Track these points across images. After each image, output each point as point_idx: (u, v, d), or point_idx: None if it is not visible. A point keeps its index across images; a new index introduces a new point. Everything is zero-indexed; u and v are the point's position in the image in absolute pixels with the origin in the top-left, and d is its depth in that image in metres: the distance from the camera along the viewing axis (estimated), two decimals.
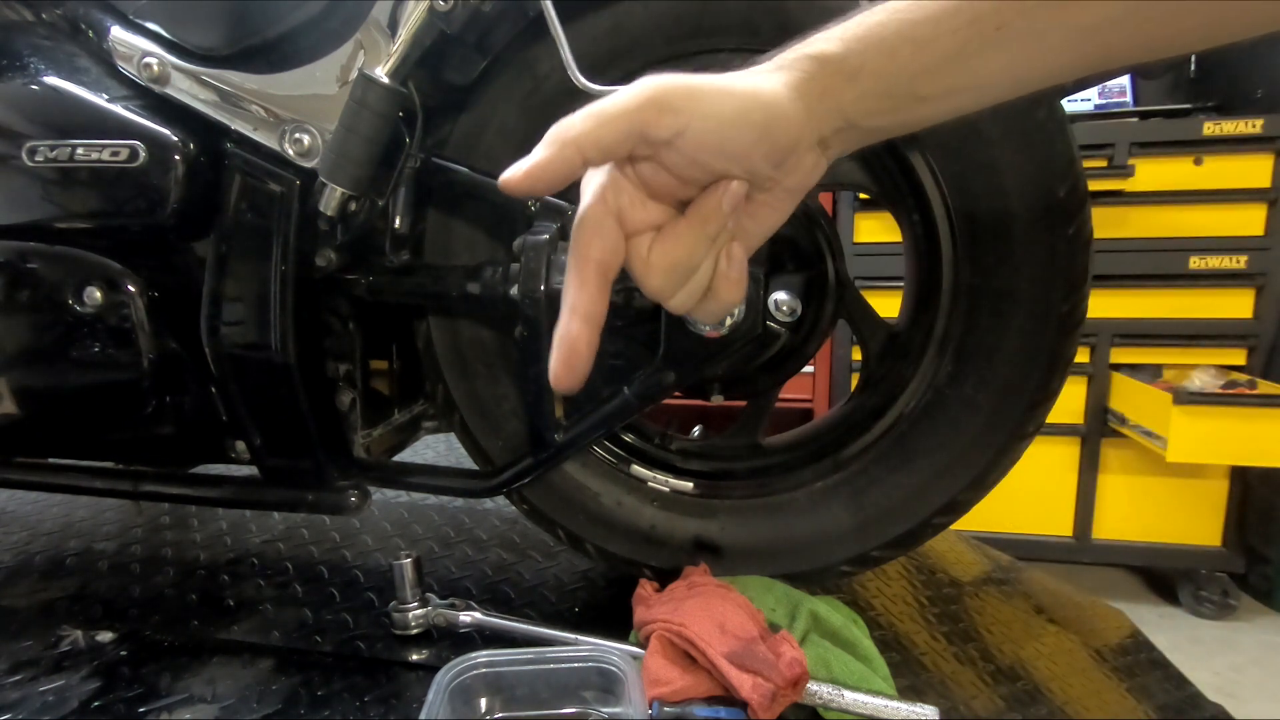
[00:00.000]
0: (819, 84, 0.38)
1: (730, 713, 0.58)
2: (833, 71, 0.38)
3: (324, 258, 0.73)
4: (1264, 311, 1.99)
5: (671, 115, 0.36)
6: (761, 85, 0.37)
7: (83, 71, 0.73)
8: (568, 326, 0.38)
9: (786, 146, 0.38)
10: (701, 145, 0.37)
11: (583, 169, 0.37)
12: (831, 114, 0.38)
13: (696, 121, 0.36)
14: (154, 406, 0.77)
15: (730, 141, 0.37)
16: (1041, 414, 0.70)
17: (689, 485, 0.79)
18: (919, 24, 0.36)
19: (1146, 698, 0.66)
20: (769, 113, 0.37)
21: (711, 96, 0.37)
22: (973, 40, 0.36)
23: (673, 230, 0.39)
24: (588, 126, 0.36)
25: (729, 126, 0.37)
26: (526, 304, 0.67)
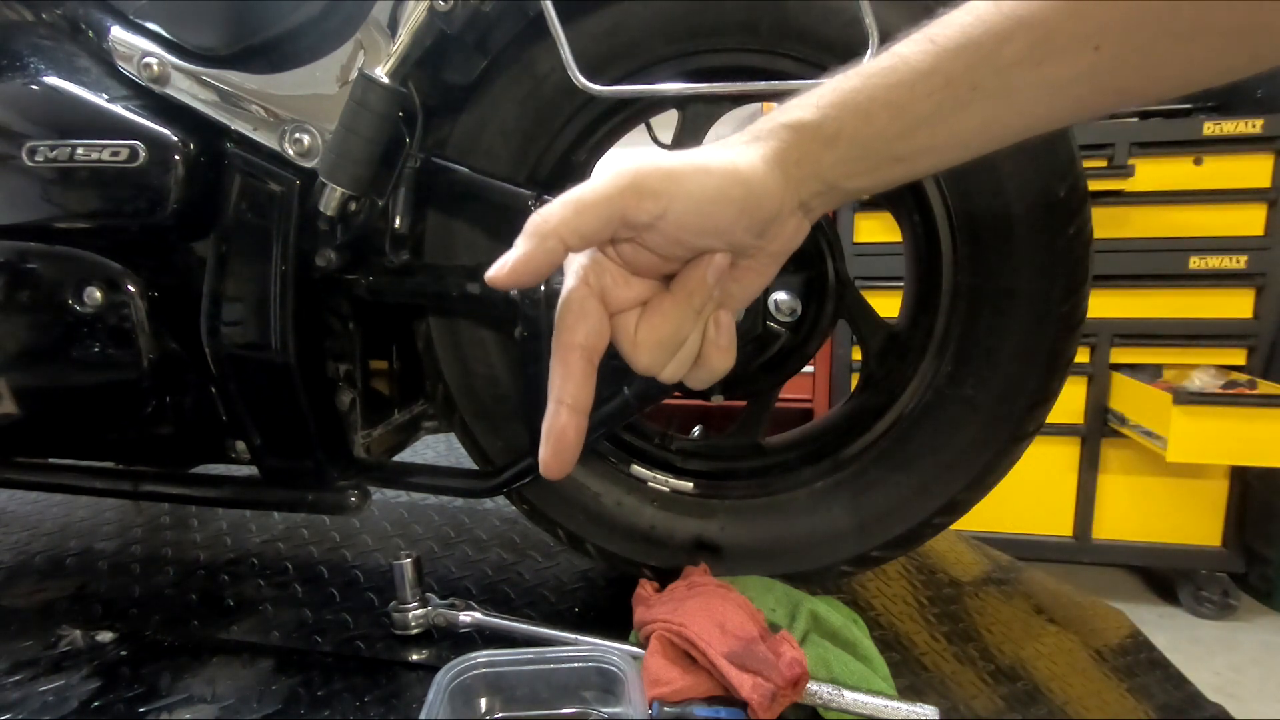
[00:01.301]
0: (796, 151, 0.38)
1: (730, 713, 0.58)
2: (809, 138, 0.38)
3: (324, 258, 0.73)
4: (1264, 311, 1.99)
5: (651, 200, 0.36)
6: (738, 160, 0.37)
7: (83, 71, 0.73)
8: (556, 417, 0.38)
9: (767, 217, 0.38)
10: (683, 226, 0.37)
11: (565, 257, 0.37)
12: (810, 179, 0.39)
13: (677, 204, 0.36)
14: (154, 406, 0.77)
15: (711, 220, 0.37)
16: (1041, 414, 0.70)
17: (689, 485, 0.79)
18: (894, 88, 0.36)
19: (1146, 698, 0.66)
20: (748, 188, 0.37)
21: (689, 177, 0.37)
22: (947, 102, 0.36)
23: (658, 306, 0.39)
24: (566, 215, 0.36)
25: (709, 205, 0.37)
26: (526, 304, 0.67)
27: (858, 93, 0.37)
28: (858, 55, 0.57)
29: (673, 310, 0.39)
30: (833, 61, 0.64)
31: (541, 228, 0.36)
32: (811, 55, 0.65)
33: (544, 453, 0.39)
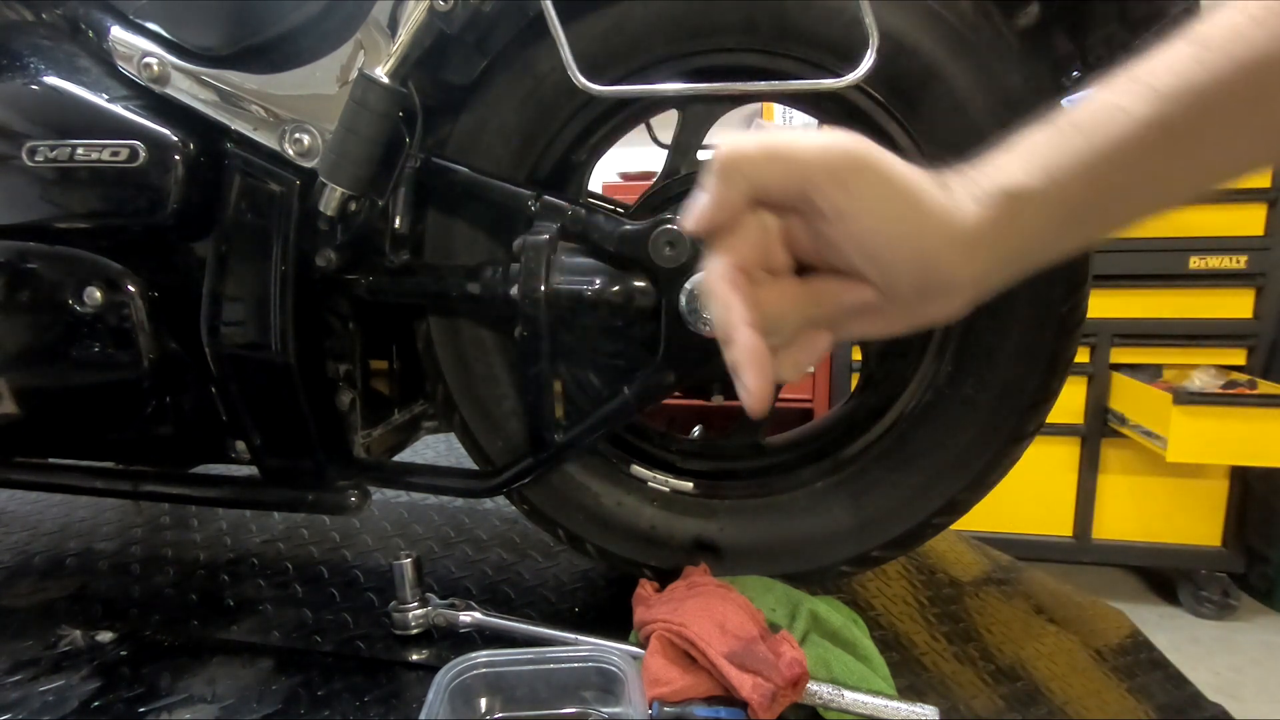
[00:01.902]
0: (1011, 224, 0.34)
1: (730, 713, 0.58)
2: (1031, 209, 0.34)
3: (324, 258, 0.73)
4: (1264, 311, 1.99)
5: (843, 192, 0.33)
6: (955, 211, 0.34)
7: (83, 71, 0.73)
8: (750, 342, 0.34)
9: (942, 284, 0.35)
10: (856, 238, 0.34)
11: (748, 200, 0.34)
12: (1007, 257, 0.35)
13: (865, 213, 0.33)
14: (154, 406, 0.77)
15: (887, 250, 0.34)
16: (1041, 414, 0.70)
17: (689, 485, 0.79)
18: (1120, 144, 0.33)
19: (1146, 698, 0.66)
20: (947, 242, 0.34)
21: (892, 196, 0.33)
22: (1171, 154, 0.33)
23: (780, 287, 0.37)
24: (757, 158, 0.34)
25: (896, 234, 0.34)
26: (526, 304, 0.67)
27: (1083, 152, 0.33)
28: (857, 55, 0.58)
29: (793, 302, 0.36)
30: (833, 62, 0.64)
31: (735, 170, 0.34)
32: (811, 55, 0.65)
33: (751, 382, 0.35)
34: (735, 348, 0.35)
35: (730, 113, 0.81)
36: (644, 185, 0.87)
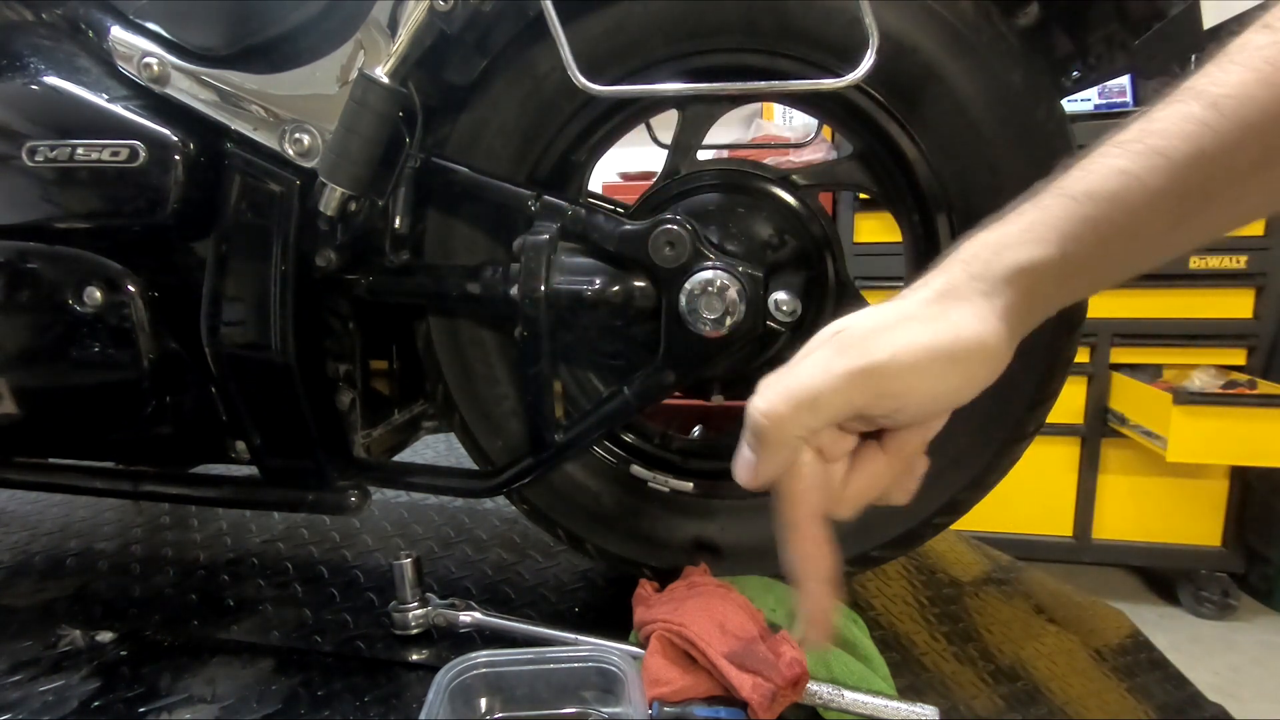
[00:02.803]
0: (1031, 300, 0.35)
1: (730, 713, 0.58)
2: (1048, 280, 0.35)
3: (324, 258, 0.73)
4: (1264, 311, 1.99)
5: (891, 400, 0.34)
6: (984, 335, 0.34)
7: (83, 71, 0.73)
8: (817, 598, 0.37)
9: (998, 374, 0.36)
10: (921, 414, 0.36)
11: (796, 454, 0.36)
12: (1034, 316, 0.36)
13: (918, 399, 0.34)
14: (154, 406, 0.77)
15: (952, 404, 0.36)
16: (1041, 414, 0.70)
17: (689, 485, 0.79)
18: (1132, 213, 0.33)
19: (1146, 698, 0.66)
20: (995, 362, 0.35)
21: (933, 373, 0.34)
22: (1181, 217, 0.33)
23: (870, 465, 0.38)
24: (800, 417, 0.34)
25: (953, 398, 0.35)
26: (526, 304, 0.67)
27: (1092, 221, 0.33)
28: (857, 55, 0.58)
29: (885, 470, 0.38)
30: (833, 62, 0.64)
31: (776, 436, 0.34)
32: (811, 55, 0.65)
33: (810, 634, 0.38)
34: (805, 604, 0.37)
35: (730, 112, 0.82)
36: (644, 185, 0.87)
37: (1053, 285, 0.35)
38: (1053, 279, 0.35)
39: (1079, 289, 0.37)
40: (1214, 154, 0.31)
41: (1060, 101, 0.65)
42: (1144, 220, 0.33)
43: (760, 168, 0.74)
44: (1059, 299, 0.37)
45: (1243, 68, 0.31)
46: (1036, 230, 0.34)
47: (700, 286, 0.66)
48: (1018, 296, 0.35)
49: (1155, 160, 0.32)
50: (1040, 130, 0.63)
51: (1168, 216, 0.33)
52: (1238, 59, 0.31)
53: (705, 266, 0.66)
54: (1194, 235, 0.35)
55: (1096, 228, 0.33)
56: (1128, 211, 0.33)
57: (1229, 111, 0.31)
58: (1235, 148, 0.31)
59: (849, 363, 0.34)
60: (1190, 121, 0.31)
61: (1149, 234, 0.34)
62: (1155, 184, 0.32)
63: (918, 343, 0.34)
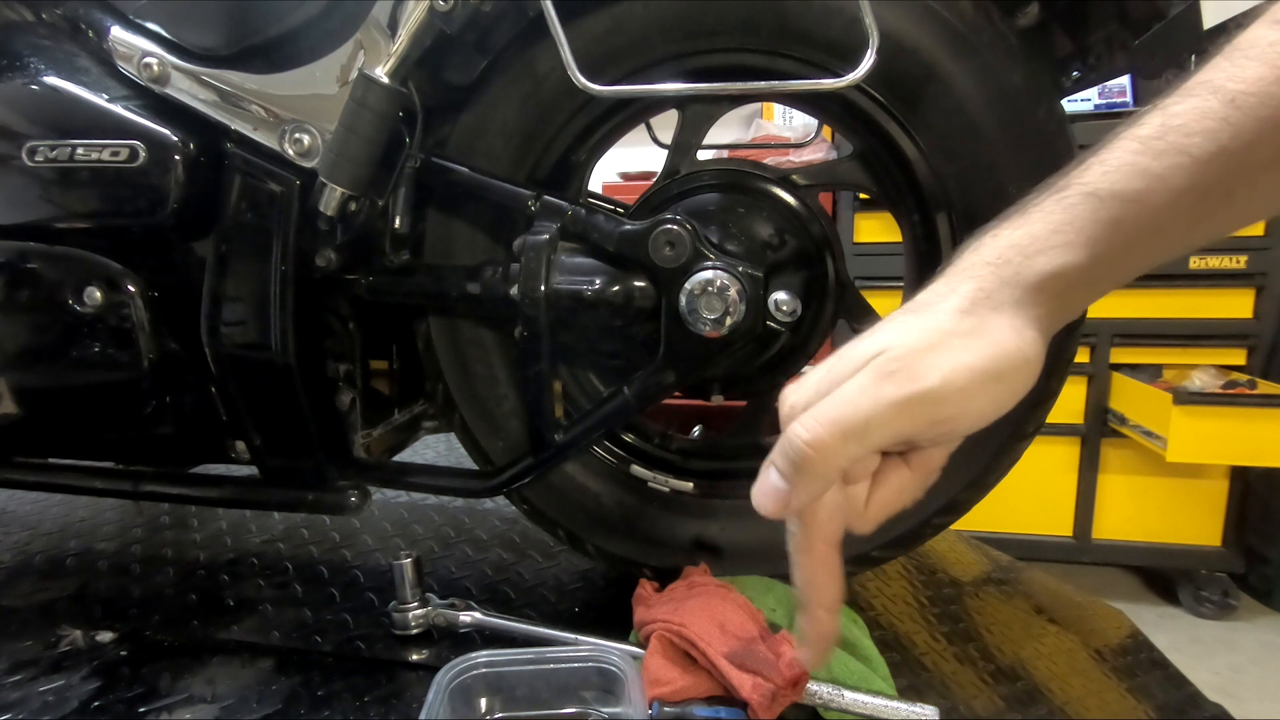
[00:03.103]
0: (1064, 304, 0.35)
1: (730, 713, 0.58)
2: (1078, 286, 0.34)
3: (324, 258, 0.73)
4: (1264, 311, 1.99)
5: (942, 426, 0.34)
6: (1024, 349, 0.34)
7: (83, 71, 0.73)
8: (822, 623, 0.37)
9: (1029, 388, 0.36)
10: (963, 436, 0.35)
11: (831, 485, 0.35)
12: (1063, 319, 0.36)
13: (968, 420, 0.34)
14: (154, 406, 0.77)
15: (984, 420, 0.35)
16: (1041, 414, 0.70)
17: (689, 485, 0.79)
18: (1156, 213, 0.33)
19: (1146, 698, 0.66)
20: (1028, 377, 0.35)
21: (981, 393, 0.34)
22: (1201, 215, 0.33)
23: (894, 481, 0.38)
24: (850, 451, 0.33)
25: (994, 412, 0.35)
26: (526, 304, 0.67)
27: (1118, 222, 0.33)
28: (857, 55, 0.58)
29: (909, 487, 0.38)
30: (832, 62, 0.64)
31: (821, 469, 0.33)
32: (811, 55, 0.65)
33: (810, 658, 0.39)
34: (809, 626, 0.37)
35: (730, 112, 0.82)
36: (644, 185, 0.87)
37: (1081, 289, 0.35)
38: (1082, 283, 0.34)
39: (1103, 289, 0.36)
40: (1234, 151, 0.31)
41: (1060, 101, 0.65)
42: (1167, 219, 0.33)
43: (760, 168, 0.74)
44: (1085, 300, 0.37)
45: (1259, 63, 0.30)
46: (1065, 234, 0.34)
47: (700, 286, 0.66)
48: (1050, 302, 0.34)
49: (1179, 159, 0.32)
50: (1040, 130, 0.63)
51: (1189, 215, 0.33)
52: (1251, 54, 0.31)
53: (705, 266, 0.66)
54: (1210, 232, 0.35)
55: (1122, 228, 0.33)
56: (1152, 211, 0.33)
57: (1248, 108, 0.30)
58: (1254, 144, 0.31)
59: (898, 390, 0.33)
60: (1211, 118, 0.31)
61: (1171, 232, 0.33)
62: (1178, 183, 0.32)
63: (964, 364, 0.33)
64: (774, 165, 0.76)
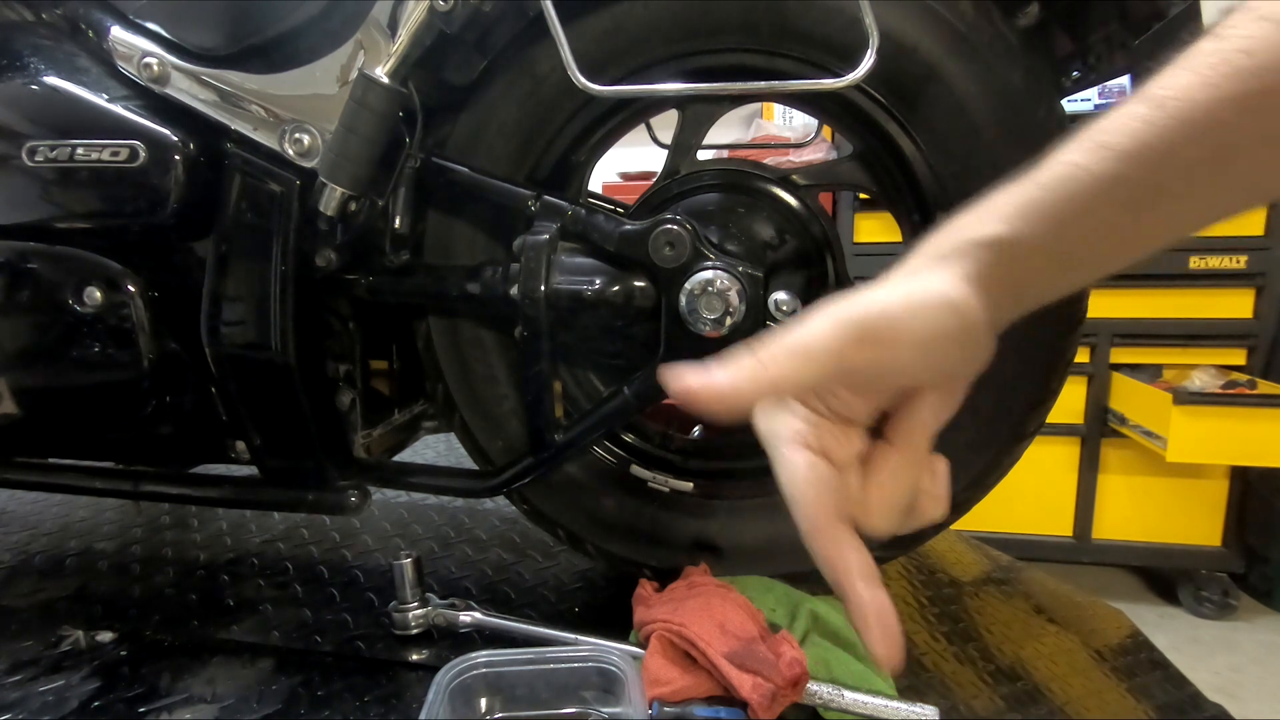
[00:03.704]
0: (995, 271, 0.37)
1: (730, 713, 0.58)
2: (1007, 256, 0.37)
3: (324, 258, 0.73)
4: (1264, 311, 1.99)
5: (875, 346, 0.35)
6: (949, 291, 0.36)
7: (83, 71, 0.73)
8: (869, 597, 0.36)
9: (976, 341, 0.37)
10: (904, 368, 0.36)
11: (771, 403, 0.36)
12: (1004, 295, 0.38)
13: (901, 348, 0.35)
14: (154, 406, 0.77)
15: (932, 358, 0.36)
16: (1041, 414, 0.70)
17: (689, 485, 0.79)
18: (1079, 197, 0.35)
19: (1146, 698, 0.66)
20: (962, 318, 0.36)
21: (907, 319, 0.36)
22: (1132, 206, 0.35)
23: (885, 464, 0.38)
24: (790, 365, 0.35)
25: (930, 343, 0.36)
26: (526, 304, 0.67)
27: (1043, 204, 0.36)
28: (857, 55, 0.58)
29: (901, 466, 0.38)
30: (832, 62, 0.64)
31: (759, 372, 0.35)
32: (811, 55, 0.65)
33: (880, 646, 0.36)
34: (856, 609, 0.36)
35: (730, 112, 0.81)
36: (644, 185, 0.87)
37: (1014, 261, 0.37)
38: (1009, 255, 0.36)
39: (1061, 275, 0.38)
40: (1158, 147, 0.33)
41: (1060, 101, 0.65)
42: (1094, 206, 0.35)
43: (760, 168, 0.74)
44: (1039, 281, 0.38)
45: (1189, 72, 0.32)
46: (987, 211, 0.37)
47: (700, 286, 0.66)
48: (977, 267, 0.37)
49: (1101, 152, 0.34)
50: (1040, 130, 0.63)
51: (1117, 204, 0.35)
52: (1186, 65, 0.33)
53: (705, 266, 0.66)
54: (1157, 228, 0.37)
55: (1044, 210, 0.36)
56: (1075, 197, 0.35)
57: (1172, 110, 0.32)
58: (1180, 143, 0.33)
59: (837, 313, 0.36)
60: (1135, 119, 0.34)
61: (1102, 219, 0.35)
62: (1101, 171, 0.34)
63: (895, 293, 0.36)
64: (774, 165, 0.76)
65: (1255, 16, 0.31)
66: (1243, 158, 0.33)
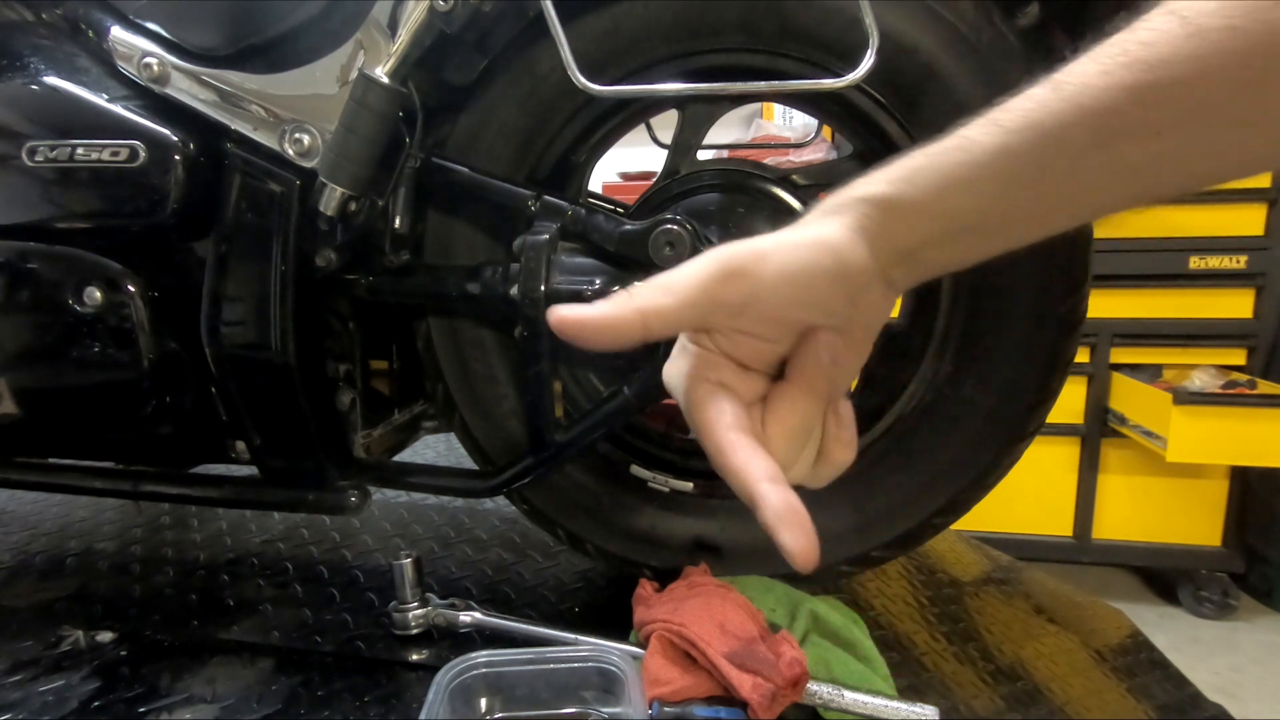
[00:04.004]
0: (874, 224, 0.38)
1: (730, 713, 0.58)
2: (885, 211, 0.38)
3: (324, 258, 0.73)
4: (1264, 311, 1.99)
5: (740, 279, 0.36)
6: (823, 232, 0.38)
7: (83, 71, 0.73)
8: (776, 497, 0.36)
9: (859, 285, 0.39)
10: (778, 301, 0.37)
11: (640, 338, 0.37)
12: (892, 251, 0.39)
13: (768, 280, 0.37)
14: (154, 406, 0.77)
15: (807, 290, 0.37)
16: (1041, 414, 0.70)
17: (689, 485, 0.79)
18: (961, 165, 0.36)
19: (1146, 698, 0.66)
20: (837, 255, 0.37)
21: (778, 254, 0.37)
22: (1016, 179, 0.36)
23: (782, 397, 0.39)
24: (655, 297, 0.36)
25: (803, 275, 0.37)
26: (526, 304, 0.67)
27: (926, 169, 0.37)
28: (857, 55, 0.58)
29: (798, 398, 0.39)
30: (833, 62, 0.64)
31: (626, 302, 0.36)
32: (811, 55, 0.65)
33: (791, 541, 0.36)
34: (765, 509, 0.36)
35: (730, 112, 0.81)
36: (644, 185, 0.87)
37: (894, 217, 0.38)
38: (892, 213, 0.38)
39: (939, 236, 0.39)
40: (1046, 126, 0.34)
41: None
42: (976, 175, 0.36)
43: (760, 168, 0.74)
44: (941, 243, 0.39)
45: (1091, 60, 0.34)
46: (875, 174, 0.39)
47: None
48: (858, 216, 0.38)
49: (991, 127, 0.36)
50: None
51: (999, 178, 0.36)
52: (1090, 53, 0.34)
53: None
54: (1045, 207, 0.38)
55: (928, 174, 0.37)
56: (956, 164, 0.36)
57: (1066, 94, 0.34)
58: (1067, 123, 0.34)
59: (707, 256, 0.37)
60: (1030, 100, 0.35)
61: (985, 190, 0.37)
62: (987, 143, 0.36)
63: (772, 236, 0.38)
64: (774, 165, 0.76)
65: (1165, 11, 0.32)
66: (1129, 145, 0.34)
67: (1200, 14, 0.30)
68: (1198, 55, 0.31)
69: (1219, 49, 0.30)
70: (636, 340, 0.37)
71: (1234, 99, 0.32)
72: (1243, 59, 0.30)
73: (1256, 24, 0.29)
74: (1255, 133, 0.33)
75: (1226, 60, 0.30)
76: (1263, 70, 0.30)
